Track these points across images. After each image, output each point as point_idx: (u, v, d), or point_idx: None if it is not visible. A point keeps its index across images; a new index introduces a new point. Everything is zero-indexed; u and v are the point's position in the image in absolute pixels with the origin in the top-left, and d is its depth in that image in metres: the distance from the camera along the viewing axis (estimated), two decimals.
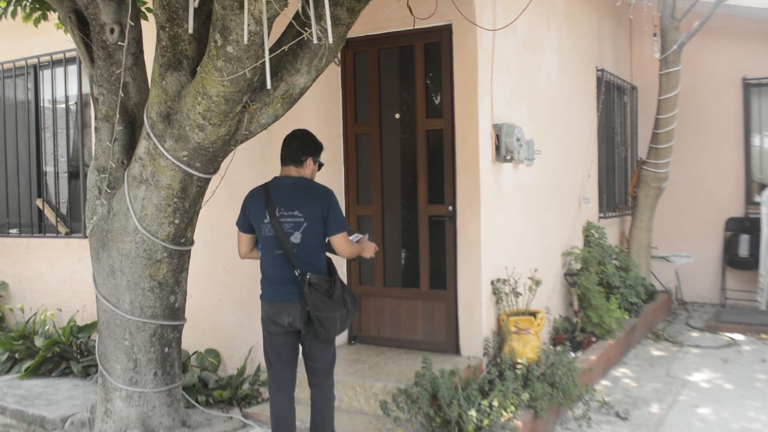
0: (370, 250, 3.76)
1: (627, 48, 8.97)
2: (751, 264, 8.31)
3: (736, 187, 8.60)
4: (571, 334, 5.93)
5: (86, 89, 6.23)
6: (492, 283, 5.09)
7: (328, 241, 3.62)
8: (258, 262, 3.76)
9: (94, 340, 5.25)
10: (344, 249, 3.60)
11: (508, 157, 5.22)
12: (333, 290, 3.49)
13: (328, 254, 3.67)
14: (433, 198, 5.29)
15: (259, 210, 3.59)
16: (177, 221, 3.86)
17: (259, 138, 4.64)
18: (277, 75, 3.56)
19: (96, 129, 4.06)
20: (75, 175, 6.51)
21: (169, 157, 3.67)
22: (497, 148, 5.16)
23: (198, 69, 3.43)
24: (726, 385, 5.45)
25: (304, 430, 4.10)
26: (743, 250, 8.39)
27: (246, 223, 3.69)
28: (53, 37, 5.63)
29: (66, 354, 5.64)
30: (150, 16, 3.99)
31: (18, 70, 6.79)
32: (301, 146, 3.67)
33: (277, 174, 3.71)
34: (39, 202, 6.71)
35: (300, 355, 3.74)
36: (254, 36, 3.09)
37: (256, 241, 3.72)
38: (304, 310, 3.51)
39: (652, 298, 7.60)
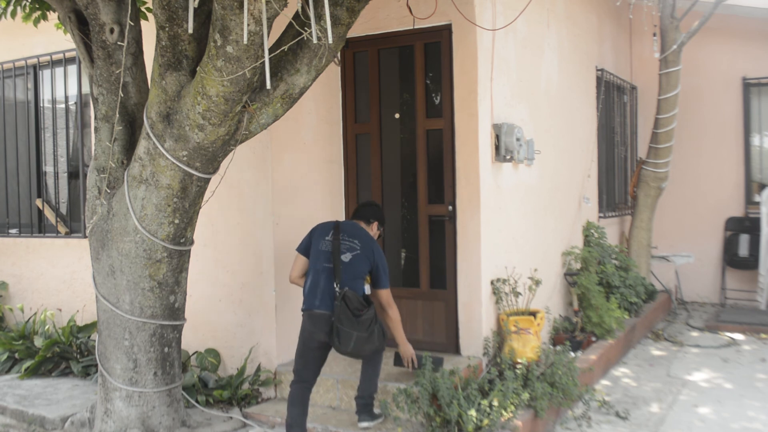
0: (405, 346, 4.39)
1: (627, 48, 8.97)
2: (751, 264, 8.31)
3: (736, 187, 8.60)
4: (571, 334, 5.93)
5: (86, 89, 6.23)
6: (492, 282, 5.09)
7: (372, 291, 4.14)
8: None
9: (94, 340, 5.25)
10: (387, 300, 4.14)
11: (508, 157, 5.22)
12: (363, 313, 3.83)
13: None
14: (433, 198, 5.29)
15: (325, 232, 4.09)
16: (177, 221, 3.85)
17: (259, 138, 4.64)
18: (277, 75, 3.56)
19: (96, 129, 4.06)
20: (75, 175, 6.51)
21: (169, 157, 3.67)
22: (497, 147, 5.16)
23: (198, 69, 3.43)
24: (726, 384, 5.45)
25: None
26: (743, 250, 8.39)
27: (308, 245, 4.12)
28: (53, 37, 5.63)
29: (66, 354, 5.64)
30: (150, 16, 3.99)
31: (18, 70, 6.79)
32: (373, 212, 4.33)
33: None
34: (39, 202, 6.71)
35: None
36: (254, 36, 3.09)
37: (305, 267, 4.13)
38: (330, 322, 3.85)
39: (652, 298, 7.59)
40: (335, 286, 3.87)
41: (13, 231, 6.90)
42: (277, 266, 4.92)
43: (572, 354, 5.00)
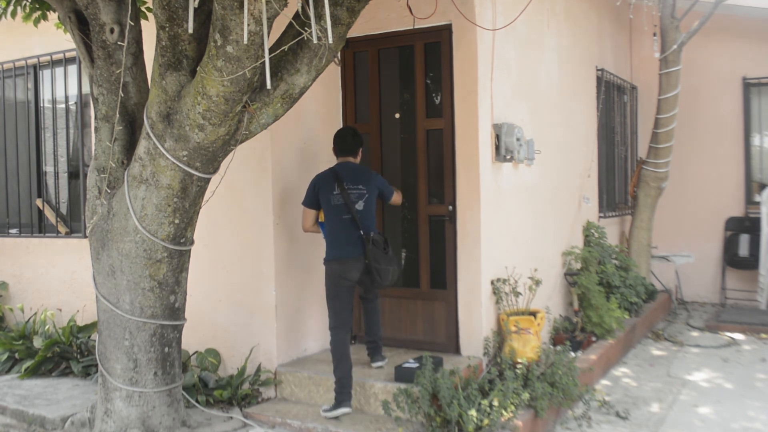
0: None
1: (627, 48, 8.97)
2: (751, 264, 8.31)
3: (736, 187, 8.60)
4: (571, 334, 5.93)
5: (86, 89, 6.23)
6: (492, 282, 5.09)
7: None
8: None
9: (94, 340, 5.25)
10: (399, 201, 4.86)
11: (508, 157, 5.22)
12: (387, 249, 4.47)
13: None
14: (433, 198, 5.29)
15: (329, 185, 4.51)
16: (177, 221, 3.86)
17: (259, 138, 4.64)
18: (277, 75, 3.56)
19: (96, 129, 4.06)
20: (75, 175, 6.51)
21: (169, 157, 3.67)
22: (497, 147, 5.16)
23: (198, 69, 3.43)
24: (726, 384, 5.45)
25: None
26: (743, 250, 8.39)
27: (314, 199, 4.56)
28: (53, 37, 5.63)
29: (66, 354, 5.64)
30: (150, 16, 3.99)
31: (18, 70, 6.79)
32: (356, 143, 4.72)
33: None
34: (39, 202, 6.71)
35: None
36: (254, 36, 3.09)
37: (316, 218, 4.64)
38: (364, 263, 4.40)
39: (652, 298, 7.59)
40: (360, 233, 4.41)
41: (13, 231, 6.91)
42: (277, 266, 4.92)
43: (572, 354, 5.00)
